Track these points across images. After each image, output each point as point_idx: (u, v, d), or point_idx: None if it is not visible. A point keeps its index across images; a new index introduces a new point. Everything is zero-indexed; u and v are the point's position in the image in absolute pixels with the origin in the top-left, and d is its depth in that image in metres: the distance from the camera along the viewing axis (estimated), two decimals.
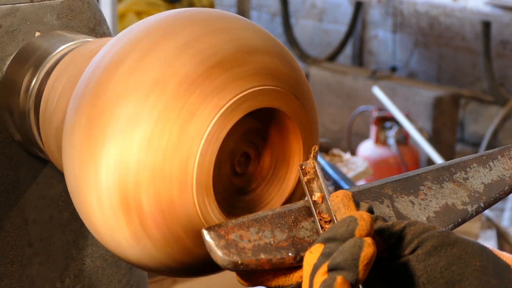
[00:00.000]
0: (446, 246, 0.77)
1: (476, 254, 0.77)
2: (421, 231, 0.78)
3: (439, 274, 0.76)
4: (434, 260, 0.76)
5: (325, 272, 0.74)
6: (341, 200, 0.81)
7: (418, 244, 0.77)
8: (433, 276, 0.76)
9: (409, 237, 0.78)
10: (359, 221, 0.75)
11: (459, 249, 0.77)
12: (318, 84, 5.30)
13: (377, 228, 0.79)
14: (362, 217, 0.76)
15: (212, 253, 0.78)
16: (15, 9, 1.07)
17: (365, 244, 0.74)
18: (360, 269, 0.73)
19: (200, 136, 0.82)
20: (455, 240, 0.77)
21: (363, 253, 0.73)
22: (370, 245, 0.74)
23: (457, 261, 0.76)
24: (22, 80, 1.05)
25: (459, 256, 0.76)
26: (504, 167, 0.94)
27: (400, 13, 5.61)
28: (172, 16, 0.88)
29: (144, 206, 0.83)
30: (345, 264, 0.73)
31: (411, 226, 0.79)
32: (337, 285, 0.72)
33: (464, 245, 0.77)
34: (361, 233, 0.75)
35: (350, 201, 0.81)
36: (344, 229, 0.76)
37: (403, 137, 4.46)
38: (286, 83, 0.87)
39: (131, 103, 0.83)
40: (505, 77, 5.16)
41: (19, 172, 1.09)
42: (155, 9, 4.84)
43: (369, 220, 0.75)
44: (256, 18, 6.34)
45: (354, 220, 0.76)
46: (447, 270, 0.76)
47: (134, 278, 1.23)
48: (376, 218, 0.80)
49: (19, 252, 1.10)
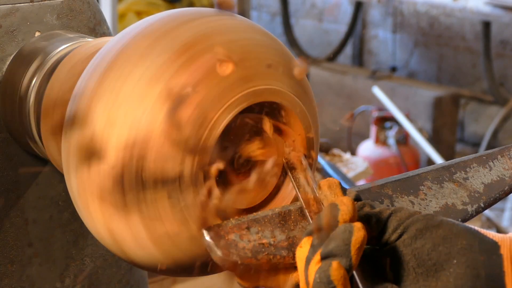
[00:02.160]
0: (431, 229, 0.77)
1: (461, 233, 0.77)
2: (406, 216, 0.79)
3: (426, 256, 0.76)
4: (421, 243, 0.77)
5: (319, 261, 0.75)
6: (328, 189, 0.81)
7: (403, 229, 0.78)
8: (422, 259, 0.77)
9: (395, 223, 0.78)
10: (340, 207, 0.76)
11: (444, 230, 0.77)
12: (318, 84, 5.30)
13: (364, 215, 0.79)
14: (342, 202, 0.76)
15: (212, 253, 0.78)
16: (15, 9, 1.07)
17: (355, 228, 0.74)
18: (353, 254, 0.74)
19: (199, 140, 0.83)
20: (439, 222, 0.78)
21: (354, 238, 0.74)
22: (360, 229, 0.74)
23: (443, 242, 0.76)
24: (22, 80, 1.04)
25: (445, 236, 0.77)
26: (504, 167, 0.94)
27: (400, 13, 5.60)
28: (170, 17, 0.88)
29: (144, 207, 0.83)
30: (338, 250, 0.74)
31: (397, 213, 0.79)
32: (333, 270, 0.73)
33: (449, 226, 0.78)
34: (345, 217, 0.76)
35: (337, 188, 0.81)
36: (328, 217, 0.76)
37: (403, 137, 4.46)
38: (286, 83, 0.87)
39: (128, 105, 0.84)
40: (505, 77, 5.16)
41: (19, 172, 1.09)
42: (155, 9, 4.84)
43: (350, 204, 0.76)
44: (256, 18, 6.34)
45: (336, 207, 0.76)
46: (434, 251, 0.76)
47: (134, 278, 1.22)
48: (363, 205, 0.80)
49: (19, 252, 1.10)
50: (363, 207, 0.80)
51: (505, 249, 0.77)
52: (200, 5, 5.06)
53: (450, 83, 5.39)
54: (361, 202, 0.81)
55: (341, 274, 0.73)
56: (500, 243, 0.77)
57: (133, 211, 0.84)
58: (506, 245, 0.77)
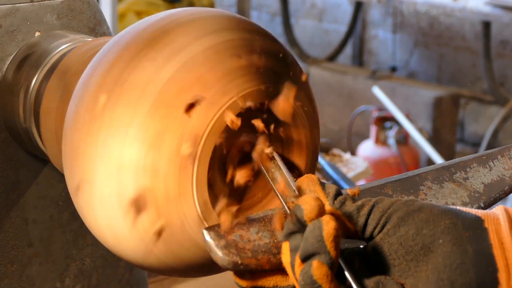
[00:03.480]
0: (412, 214, 0.77)
1: (443, 214, 0.76)
2: (388, 206, 0.78)
3: (412, 242, 0.76)
4: (404, 230, 0.76)
5: (300, 264, 0.74)
6: (307, 186, 0.81)
7: (386, 219, 0.77)
8: (408, 246, 0.76)
9: (378, 215, 0.78)
10: (303, 206, 0.75)
11: (426, 213, 0.77)
12: (318, 84, 5.30)
13: (346, 211, 0.78)
14: (305, 201, 0.76)
15: (212, 253, 0.78)
16: (15, 9, 1.07)
17: (323, 222, 0.74)
18: (329, 248, 0.73)
19: (199, 139, 0.82)
20: (420, 206, 0.77)
21: (324, 232, 0.73)
22: (328, 222, 0.74)
23: (426, 225, 0.76)
24: (22, 80, 1.04)
25: (427, 219, 0.76)
26: (504, 167, 0.94)
27: (400, 13, 5.60)
28: (169, 17, 0.88)
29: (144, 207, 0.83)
30: (313, 248, 0.73)
31: (379, 204, 0.78)
32: (314, 270, 0.73)
33: (430, 208, 0.77)
34: (310, 216, 0.75)
35: (316, 185, 0.80)
36: (295, 219, 0.76)
37: (403, 137, 4.46)
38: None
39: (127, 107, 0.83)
40: (505, 77, 5.16)
41: (19, 172, 1.09)
42: (155, 9, 4.84)
43: (312, 202, 0.75)
44: (256, 18, 6.34)
45: (299, 208, 0.76)
46: (418, 235, 0.76)
47: (134, 278, 1.22)
48: (344, 199, 0.79)
49: (19, 252, 1.10)
50: (345, 201, 0.79)
51: (489, 222, 0.76)
52: (200, 5, 5.06)
53: (450, 83, 5.39)
54: (342, 197, 0.80)
55: (323, 272, 0.73)
56: (483, 218, 0.77)
57: None
58: (490, 219, 0.77)
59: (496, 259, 0.74)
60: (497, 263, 0.74)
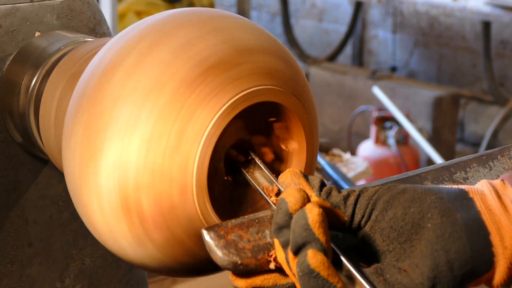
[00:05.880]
0: (397, 196, 0.77)
1: (427, 191, 0.77)
2: (372, 194, 0.78)
3: (402, 222, 0.76)
4: (392, 213, 0.77)
5: (294, 258, 0.74)
6: (291, 179, 0.80)
7: (372, 207, 0.77)
8: (399, 226, 0.76)
9: (364, 203, 0.78)
10: (287, 199, 0.75)
11: (410, 193, 0.77)
12: (318, 84, 5.30)
13: (333, 202, 0.78)
14: (288, 194, 0.76)
15: (212, 253, 0.78)
16: (15, 9, 1.07)
17: (306, 211, 0.74)
18: (318, 234, 0.73)
19: (199, 139, 0.82)
20: (403, 188, 0.78)
21: (310, 219, 0.73)
22: (311, 209, 0.74)
23: (413, 203, 0.76)
24: (22, 80, 1.05)
25: (412, 198, 0.77)
26: (504, 167, 0.94)
27: (400, 13, 5.60)
28: (168, 18, 0.88)
29: (144, 208, 0.83)
30: (302, 238, 0.73)
31: (364, 193, 0.79)
32: (311, 259, 0.72)
33: (413, 188, 0.78)
34: (295, 207, 0.75)
35: (300, 178, 0.80)
36: (280, 214, 0.76)
37: (403, 137, 4.46)
38: (285, 82, 0.87)
39: (129, 106, 0.83)
40: (505, 77, 5.16)
41: (19, 172, 1.09)
42: (155, 9, 4.84)
43: (295, 193, 0.75)
44: (256, 18, 6.34)
45: (283, 201, 0.76)
46: (406, 214, 0.76)
47: (134, 278, 1.23)
48: (330, 190, 0.79)
49: (19, 252, 1.10)
50: (330, 192, 0.79)
51: (473, 193, 0.78)
52: (200, 5, 5.06)
53: (450, 83, 5.39)
54: (327, 188, 0.80)
55: (319, 259, 0.72)
56: (467, 189, 0.78)
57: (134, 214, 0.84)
58: (473, 190, 0.78)
59: (486, 224, 0.75)
60: (488, 227, 0.75)
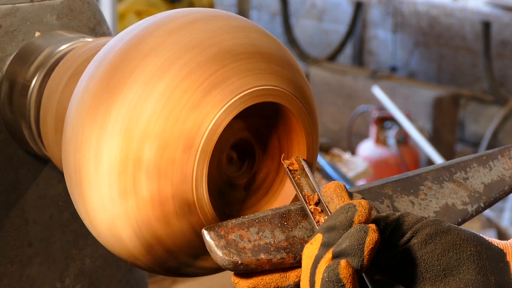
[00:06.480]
0: (440, 234, 0.78)
1: (470, 240, 0.78)
2: (414, 221, 0.79)
3: (436, 262, 0.77)
4: (431, 248, 0.77)
5: (329, 259, 0.74)
6: (334, 191, 0.81)
7: (413, 234, 0.78)
8: (431, 264, 0.77)
9: (404, 228, 0.79)
10: (357, 208, 0.76)
11: (453, 236, 0.78)
12: (318, 84, 5.30)
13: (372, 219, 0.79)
14: (360, 204, 0.76)
15: (212, 253, 0.78)
16: (15, 9, 1.07)
17: (370, 229, 0.74)
18: (366, 254, 0.73)
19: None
20: (448, 228, 0.79)
21: (368, 238, 0.74)
22: (375, 231, 0.74)
23: (453, 248, 0.78)
24: (22, 80, 1.04)
25: (454, 242, 0.78)
26: (504, 167, 0.94)
27: (400, 13, 5.60)
28: (186, 13, 0.89)
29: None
30: (351, 249, 0.73)
31: (405, 217, 0.79)
32: (342, 268, 0.72)
33: (457, 232, 0.79)
34: (360, 219, 0.76)
35: (343, 191, 0.81)
36: (343, 216, 0.76)
37: (403, 137, 4.46)
38: (288, 84, 0.87)
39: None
40: (505, 77, 5.16)
41: (19, 172, 1.09)
42: (156, 9, 4.84)
43: (367, 206, 0.76)
44: (256, 18, 6.34)
45: (353, 207, 0.76)
46: (443, 256, 0.77)
47: (134, 278, 1.22)
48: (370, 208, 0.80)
49: (19, 252, 1.10)
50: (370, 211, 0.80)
51: (510, 256, 0.79)
52: (200, 5, 5.06)
53: (450, 83, 5.39)
54: None
55: (349, 272, 0.73)
56: (506, 251, 0.80)
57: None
58: (510, 252, 0.80)
59: None
60: None
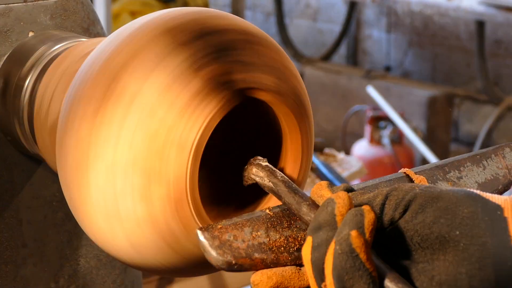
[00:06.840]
0: (431, 202, 0.76)
1: (463, 202, 0.75)
2: (403, 194, 0.77)
3: (428, 230, 0.75)
4: (422, 218, 0.75)
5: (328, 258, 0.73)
6: (319, 190, 0.80)
7: (405, 207, 0.76)
8: (424, 233, 0.75)
9: (393, 204, 0.77)
10: (336, 200, 0.75)
11: (445, 201, 0.75)
12: (312, 83, 5.30)
13: (359, 203, 0.78)
14: (338, 196, 0.75)
15: (206, 253, 0.78)
16: (8, 9, 1.06)
17: (365, 210, 0.73)
18: (368, 237, 0.72)
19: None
20: (439, 193, 0.76)
21: (366, 219, 0.72)
22: (369, 211, 0.73)
23: (444, 213, 0.75)
24: (16, 81, 1.04)
25: (445, 207, 0.75)
26: (498, 166, 0.94)
27: (394, 13, 5.61)
28: (168, 14, 0.88)
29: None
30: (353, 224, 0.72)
31: (393, 192, 0.77)
32: (354, 238, 0.71)
33: (449, 196, 0.76)
34: (341, 210, 0.74)
35: (323, 189, 0.80)
36: (325, 213, 0.75)
37: (398, 136, 4.47)
38: (284, 85, 0.88)
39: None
40: (499, 76, 5.17)
41: (13, 173, 1.08)
42: (150, 9, 4.84)
43: (345, 197, 0.75)
44: (251, 18, 6.34)
45: (332, 201, 0.75)
46: (435, 224, 0.75)
47: (129, 278, 1.22)
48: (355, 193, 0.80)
49: (13, 252, 1.10)
50: (356, 195, 0.79)
51: (509, 211, 0.75)
52: (194, 4, 5.06)
53: (445, 83, 5.40)
54: (353, 193, 0.80)
55: (362, 241, 0.71)
56: (503, 205, 0.75)
57: None
58: (508, 207, 0.75)
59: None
60: None
